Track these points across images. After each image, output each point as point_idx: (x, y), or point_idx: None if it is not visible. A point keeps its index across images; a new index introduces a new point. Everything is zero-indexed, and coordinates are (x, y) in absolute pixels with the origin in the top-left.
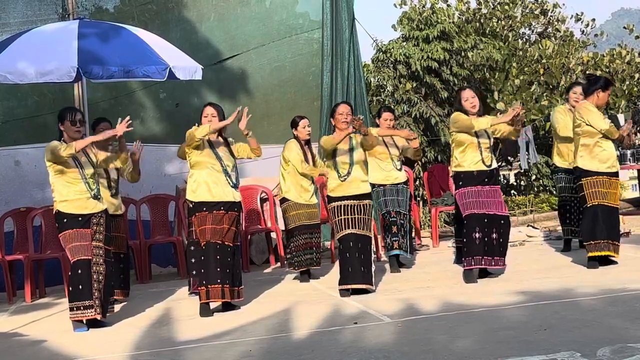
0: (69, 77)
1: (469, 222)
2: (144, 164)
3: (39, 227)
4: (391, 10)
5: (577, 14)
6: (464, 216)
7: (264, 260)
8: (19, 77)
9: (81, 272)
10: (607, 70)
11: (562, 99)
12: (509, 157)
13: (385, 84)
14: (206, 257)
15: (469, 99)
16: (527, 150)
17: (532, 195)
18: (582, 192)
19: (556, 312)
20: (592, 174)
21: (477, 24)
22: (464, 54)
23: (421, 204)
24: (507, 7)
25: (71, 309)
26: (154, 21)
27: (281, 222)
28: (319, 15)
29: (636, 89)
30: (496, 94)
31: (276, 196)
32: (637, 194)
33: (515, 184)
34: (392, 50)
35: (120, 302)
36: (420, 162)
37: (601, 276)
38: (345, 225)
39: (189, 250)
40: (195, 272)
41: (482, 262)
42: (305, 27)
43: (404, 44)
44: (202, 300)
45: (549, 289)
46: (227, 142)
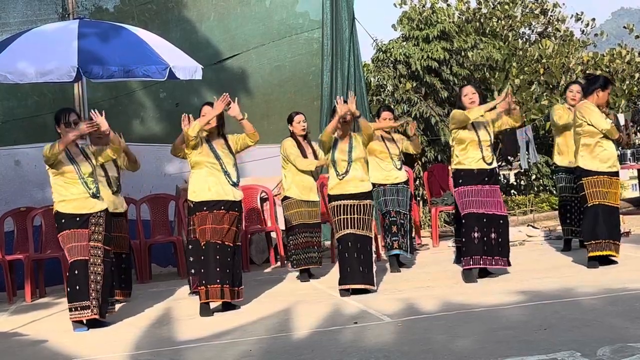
0: (69, 77)
1: (467, 221)
2: (144, 163)
3: (39, 227)
4: (391, 10)
5: (577, 14)
6: (462, 215)
7: (264, 260)
8: (19, 77)
9: (78, 272)
10: (607, 70)
11: (562, 99)
12: (509, 157)
13: (385, 83)
14: (206, 257)
15: (468, 94)
16: (527, 149)
17: (532, 195)
18: (583, 192)
19: (556, 312)
20: (593, 174)
21: (477, 24)
22: (464, 54)
23: (421, 203)
24: (507, 6)
25: (70, 310)
26: (154, 21)
27: (281, 222)
28: (319, 14)
29: (636, 89)
30: (496, 93)
31: (276, 196)
32: (637, 194)
33: (515, 183)
34: (392, 50)
35: (121, 302)
36: (420, 162)
37: (601, 276)
38: (344, 225)
39: (187, 249)
40: (194, 271)
41: (480, 261)
42: (305, 27)
43: (404, 43)
44: (201, 300)
45: (549, 289)
46: (226, 140)
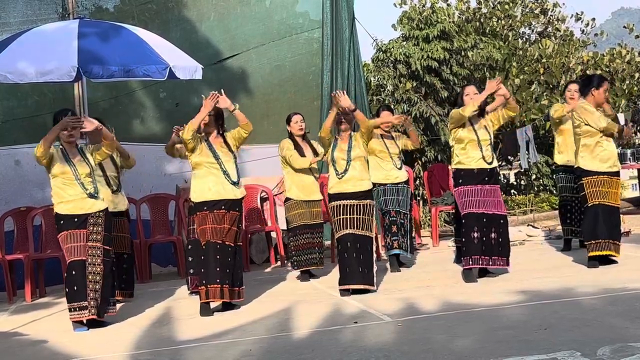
0: (69, 77)
1: (467, 221)
2: (144, 163)
3: (39, 227)
4: (391, 9)
5: (577, 14)
6: (462, 215)
7: (264, 259)
8: (19, 77)
9: (75, 273)
10: (607, 69)
11: (561, 98)
12: (509, 157)
13: (385, 83)
14: (206, 257)
15: (470, 94)
16: (527, 149)
17: (532, 194)
18: (583, 192)
19: (556, 312)
20: (593, 174)
21: (477, 24)
22: (464, 54)
23: (421, 203)
24: (507, 6)
25: (69, 310)
26: (154, 20)
27: (282, 222)
28: (319, 14)
29: (636, 89)
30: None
31: (276, 195)
32: (637, 193)
33: (515, 183)
34: (392, 49)
35: (123, 303)
36: (420, 162)
37: (601, 275)
38: (343, 225)
39: (187, 249)
40: (192, 270)
41: (480, 261)
42: (305, 27)
43: (404, 43)
44: (201, 299)
45: (549, 289)
46: (225, 138)
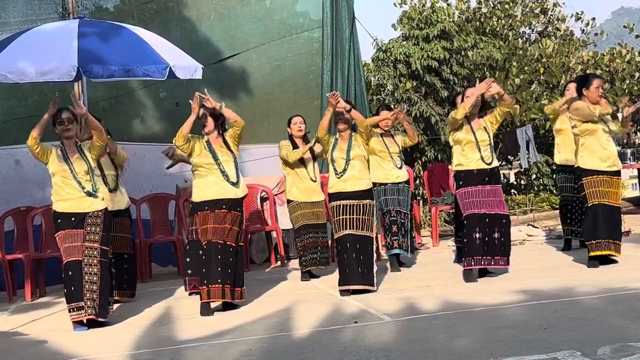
0: (69, 77)
1: (469, 222)
2: (144, 163)
3: (39, 227)
4: (391, 9)
5: (577, 13)
6: (464, 216)
7: (264, 259)
8: (19, 77)
9: (72, 273)
10: (607, 69)
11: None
12: (509, 156)
13: (385, 83)
14: (207, 257)
15: (468, 96)
16: (528, 149)
17: (532, 194)
18: (584, 192)
19: (556, 311)
20: (593, 173)
21: (477, 23)
22: (464, 53)
23: (421, 203)
24: (507, 6)
25: (69, 310)
26: (154, 20)
27: (281, 222)
28: (319, 14)
29: (636, 88)
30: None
31: (277, 195)
32: (637, 193)
33: (515, 183)
34: (392, 49)
35: (125, 303)
36: (420, 161)
37: (601, 275)
38: (343, 225)
39: (185, 249)
40: (190, 271)
41: (482, 262)
42: (305, 26)
43: (404, 43)
44: (202, 299)
45: (549, 288)
46: (224, 138)
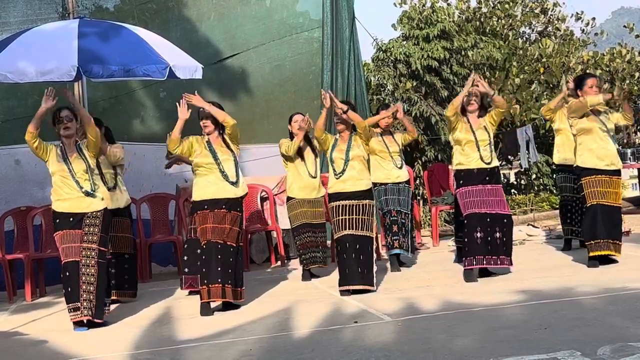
0: (69, 76)
1: (469, 221)
2: (144, 163)
3: (39, 226)
4: (391, 9)
5: (577, 13)
6: (464, 215)
7: (264, 259)
8: (19, 76)
9: (69, 274)
10: (607, 69)
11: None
12: (510, 156)
13: (385, 82)
14: (207, 257)
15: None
16: (528, 149)
17: (533, 194)
18: (584, 192)
19: (556, 311)
20: (591, 173)
21: (477, 23)
22: (464, 53)
23: (421, 203)
24: (507, 6)
25: (68, 310)
26: (154, 20)
27: (282, 222)
28: (319, 14)
29: (636, 88)
30: (496, 92)
31: (277, 195)
32: (637, 193)
33: (515, 182)
34: (393, 49)
35: (126, 303)
36: (420, 161)
37: (601, 275)
38: (342, 226)
39: (183, 248)
40: (187, 269)
41: (483, 261)
42: (305, 26)
43: (404, 42)
44: (203, 299)
45: (549, 288)
46: (224, 138)
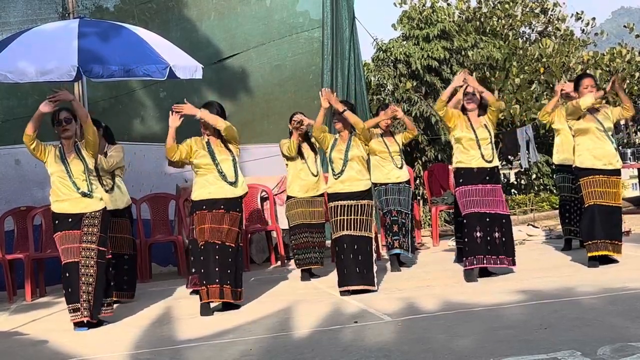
0: (69, 76)
1: (469, 221)
2: (144, 163)
3: (39, 226)
4: (391, 9)
5: (578, 13)
6: (463, 215)
7: (264, 259)
8: (19, 76)
9: (69, 275)
10: (607, 69)
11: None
12: (510, 156)
13: (385, 82)
14: (206, 257)
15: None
16: (528, 149)
17: (533, 194)
18: (582, 192)
19: (556, 311)
20: (589, 173)
21: (477, 23)
22: (464, 53)
23: (421, 202)
24: (507, 5)
25: (69, 311)
26: (154, 20)
27: (282, 221)
28: (319, 14)
29: (636, 88)
30: (496, 92)
31: (277, 195)
32: (637, 193)
33: (515, 182)
34: (393, 49)
35: (125, 303)
36: (420, 161)
37: (601, 275)
38: (341, 226)
39: (190, 248)
40: (194, 270)
41: (483, 261)
42: (305, 26)
43: (404, 42)
44: (202, 300)
45: (549, 288)
46: (224, 139)
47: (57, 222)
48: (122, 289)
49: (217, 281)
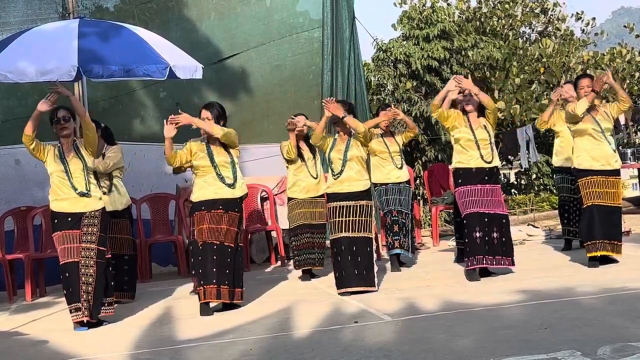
0: (69, 76)
1: (468, 221)
2: (144, 163)
3: (39, 226)
4: (391, 9)
5: (578, 13)
6: (463, 215)
7: (264, 259)
8: (19, 76)
9: (69, 275)
10: (607, 69)
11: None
12: (510, 156)
13: (385, 82)
14: (204, 258)
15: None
16: (528, 149)
17: (533, 194)
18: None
19: (556, 311)
20: (587, 174)
21: (478, 23)
22: (464, 53)
23: (421, 202)
24: (507, 5)
25: (69, 311)
26: (154, 20)
27: (282, 221)
28: (319, 14)
29: (636, 88)
30: (496, 92)
31: (277, 195)
32: (637, 193)
33: (515, 182)
34: (393, 49)
35: (125, 304)
36: (420, 161)
37: (601, 275)
38: (338, 228)
39: (190, 249)
40: (194, 271)
41: (483, 261)
42: (305, 26)
43: (404, 42)
44: (200, 300)
45: (549, 288)
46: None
47: (56, 221)
48: (123, 290)
49: (214, 281)
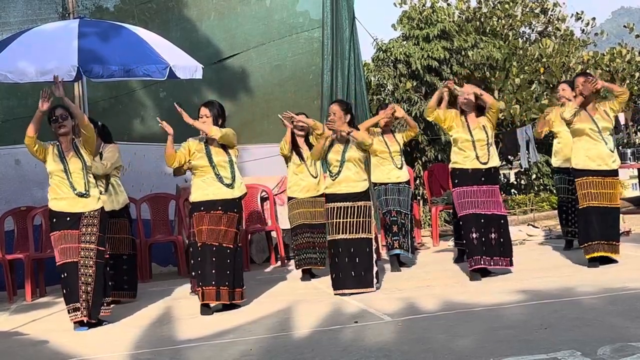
0: (69, 76)
1: (464, 223)
2: (144, 163)
3: (39, 226)
4: (391, 9)
5: (578, 13)
6: (459, 217)
7: (264, 259)
8: (19, 76)
9: (67, 275)
10: (607, 69)
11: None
12: (510, 156)
13: (385, 82)
14: (203, 259)
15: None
16: (528, 149)
17: (533, 194)
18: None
19: (556, 311)
20: (584, 174)
21: (477, 23)
22: (464, 53)
23: (421, 203)
24: (507, 5)
25: (68, 311)
26: (154, 20)
27: (282, 221)
28: (319, 14)
29: (636, 88)
30: (496, 92)
31: (277, 195)
32: (637, 193)
33: (515, 182)
34: (393, 49)
35: (126, 303)
36: (420, 161)
37: (601, 275)
38: (336, 229)
39: (190, 250)
40: (194, 273)
41: (481, 261)
42: (305, 26)
43: (404, 42)
44: (200, 301)
45: (549, 288)
46: None
47: (54, 220)
48: (123, 289)
49: (213, 283)
